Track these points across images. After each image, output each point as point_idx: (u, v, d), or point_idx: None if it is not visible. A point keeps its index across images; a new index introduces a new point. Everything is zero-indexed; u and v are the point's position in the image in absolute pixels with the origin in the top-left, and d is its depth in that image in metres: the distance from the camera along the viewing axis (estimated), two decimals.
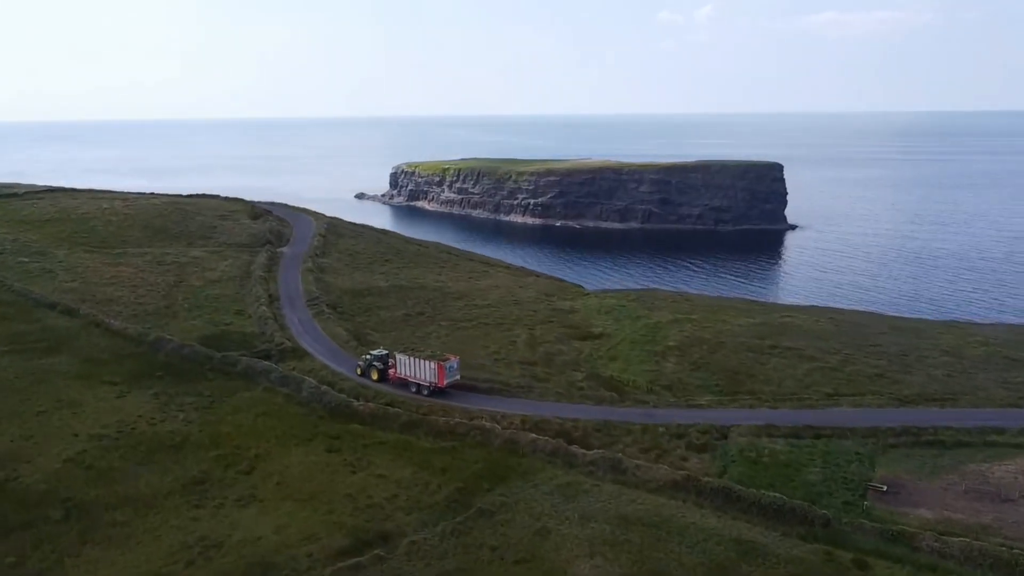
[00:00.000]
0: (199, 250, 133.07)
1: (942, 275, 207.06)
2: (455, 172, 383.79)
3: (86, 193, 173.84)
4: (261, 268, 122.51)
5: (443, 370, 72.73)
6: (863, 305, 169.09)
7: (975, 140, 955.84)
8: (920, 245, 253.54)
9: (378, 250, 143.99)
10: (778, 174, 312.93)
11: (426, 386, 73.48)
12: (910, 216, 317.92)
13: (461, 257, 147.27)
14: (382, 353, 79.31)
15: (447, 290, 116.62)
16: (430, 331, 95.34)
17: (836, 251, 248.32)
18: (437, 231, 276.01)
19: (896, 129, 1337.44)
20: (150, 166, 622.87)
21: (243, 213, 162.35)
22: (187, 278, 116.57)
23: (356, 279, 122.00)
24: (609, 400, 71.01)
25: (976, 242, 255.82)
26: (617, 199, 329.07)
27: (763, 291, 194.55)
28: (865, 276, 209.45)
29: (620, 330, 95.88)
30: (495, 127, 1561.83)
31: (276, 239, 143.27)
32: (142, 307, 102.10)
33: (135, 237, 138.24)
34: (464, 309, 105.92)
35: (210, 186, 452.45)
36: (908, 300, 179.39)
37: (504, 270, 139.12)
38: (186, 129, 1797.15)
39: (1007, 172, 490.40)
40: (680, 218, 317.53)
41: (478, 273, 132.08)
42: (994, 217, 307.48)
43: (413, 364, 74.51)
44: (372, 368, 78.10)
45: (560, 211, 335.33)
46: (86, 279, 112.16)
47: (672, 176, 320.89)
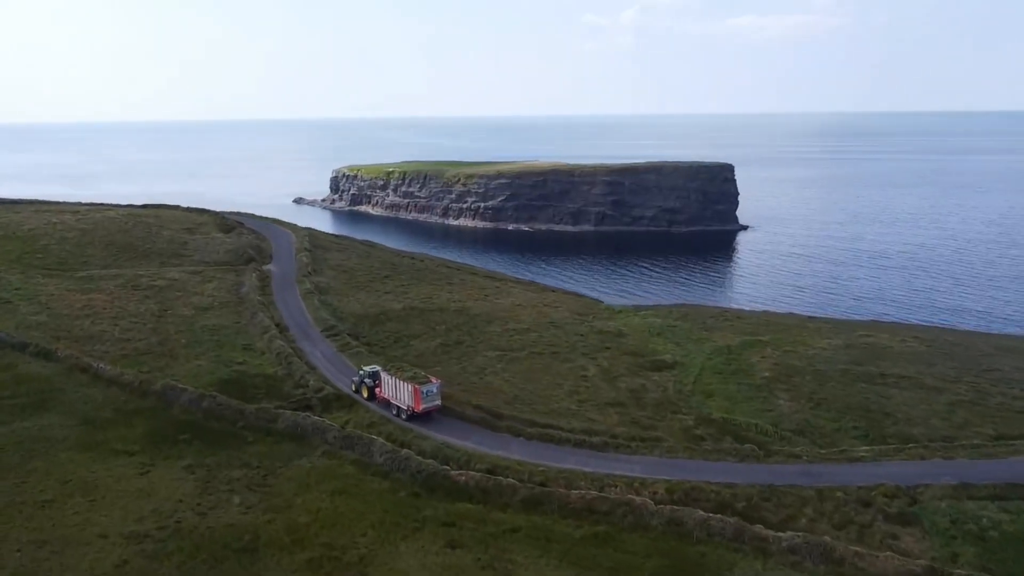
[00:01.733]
0: (175, 270, 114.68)
1: (899, 275, 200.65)
2: (400, 175, 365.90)
3: (27, 205, 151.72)
4: (254, 291, 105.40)
5: (418, 393, 65.10)
6: (851, 307, 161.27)
7: (893, 140, 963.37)
8: (870, 244, 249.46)
9: (371, 265, 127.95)
10: (729, 175, 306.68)
11: (404, 409, 66.35)
12: (853, 215, 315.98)
13: (462, 271, 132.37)
14: (374, 370, 71.48)
15: (471, 312, 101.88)
16: (483, 365, 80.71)
17: (792, 252, 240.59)
18: (387, 237, 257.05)
19: (814, 130, 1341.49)
20: (68, 172, 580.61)
21: (212, 225, 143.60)
22: (172, 305, 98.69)
23: (365, 301, 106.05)
24: (752, 454, 58.06)
25: (924, 240, 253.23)
26: (569, 201, 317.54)
27: (733, 295, 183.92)
28: (825, 278, 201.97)
29: (690, 357, 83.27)
30: (424, 129, 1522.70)
31: (258, 255, 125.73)
32: (131, 344, 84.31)
33: (98, 256, 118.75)
34: (504, 335, 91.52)
35: (136, 193, 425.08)
36: (872, 300, 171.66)
37: (515, 284, 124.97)
38: (97, 132, 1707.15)
39: (933, 171, 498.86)
40: (634, 220, 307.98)
41: (491, 289, 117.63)
42: (935, 216, 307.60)
43: (394, 385, 67.53)
44: (364, 385, 70.98)
45: (511, 214, 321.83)
46: (54, 310, 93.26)
47: (625, 178, 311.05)
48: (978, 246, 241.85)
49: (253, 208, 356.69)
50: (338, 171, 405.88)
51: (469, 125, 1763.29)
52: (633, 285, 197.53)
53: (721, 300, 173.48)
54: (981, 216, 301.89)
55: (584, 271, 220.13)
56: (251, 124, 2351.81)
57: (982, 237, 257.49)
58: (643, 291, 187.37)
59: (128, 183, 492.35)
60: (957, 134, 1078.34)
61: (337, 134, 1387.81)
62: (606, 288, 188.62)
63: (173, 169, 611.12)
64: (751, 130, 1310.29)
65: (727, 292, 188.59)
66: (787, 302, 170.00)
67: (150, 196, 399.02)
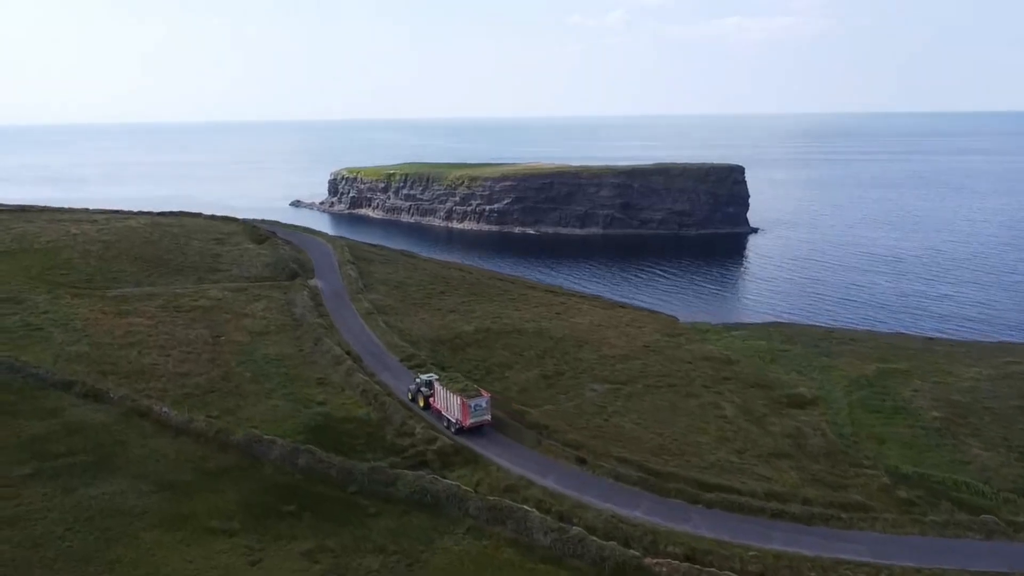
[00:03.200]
0: (215, 287, 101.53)
1: (920, 281, 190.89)
2: (401, 177, 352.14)
3: (41, 213, 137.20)
4: (309, 311, 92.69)
5: (466, 407, 61.11)
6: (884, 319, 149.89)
7: (880, 140, 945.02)
8: (885, 248, 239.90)
9: (421, 279, 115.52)
10: (739, 176, 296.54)
11: (453, 423, 62.53)
12: (860, 218, 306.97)
13: (518, 284, 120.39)
14: (429, 379, 67.57)
15: (551, 334, 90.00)
16: (598, 402, 68.91)
17: (808, 258, 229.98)
18: (392, 242, 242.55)
19: (800, 130, 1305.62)
20: (54, 174, 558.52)
21: (242, 235, 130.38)
22: (223, 329, 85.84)
23: (431, 322, 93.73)
24: (997, 529, 46.76)
25: (937, 244, 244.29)
26: (576, 204, 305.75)
27: (756, 303, 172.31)
28: (847, 284, 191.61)
29: (827, 390, 72.11)
30: (411, 130, 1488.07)
31: (300, 269, 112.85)
32: (190, 380, 71.49)
33: (128, 272, 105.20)
34: (603, 363, 79.80)
35: (127, 196, 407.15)
36: (903, 311, 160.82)
37: (580, 300, 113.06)
38: (81, 133, 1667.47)
39: (926, 172, 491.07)
40: (642, 223, 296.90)
41: (557, 305, 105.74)
42: (943, 218, 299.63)
43: (445, 396, 63.99)
44: (420, 394, 67.15)
45: (517, 217, 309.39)
46: (93, 338, 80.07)
47: (633, 180, 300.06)
48: (993, 249, 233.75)
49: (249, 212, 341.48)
50: (336, 173, 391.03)
51: (455, 126, 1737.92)
52: (650, 292, 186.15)
53: (745, 309, 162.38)
54: (989, 218, 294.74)
55: (598, 276, 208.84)
56: (236, 125, 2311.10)
57: (996, 240, 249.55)
58: (663, 298, 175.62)
59: (117, 185, 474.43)
60: (943, 135, 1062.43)
61: (324, 135, 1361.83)
62: (624, 294, 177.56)
63: (161, 171, 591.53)
64: (739, 131, 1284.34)
65: (749, 300, 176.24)
66: (812, 311, 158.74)
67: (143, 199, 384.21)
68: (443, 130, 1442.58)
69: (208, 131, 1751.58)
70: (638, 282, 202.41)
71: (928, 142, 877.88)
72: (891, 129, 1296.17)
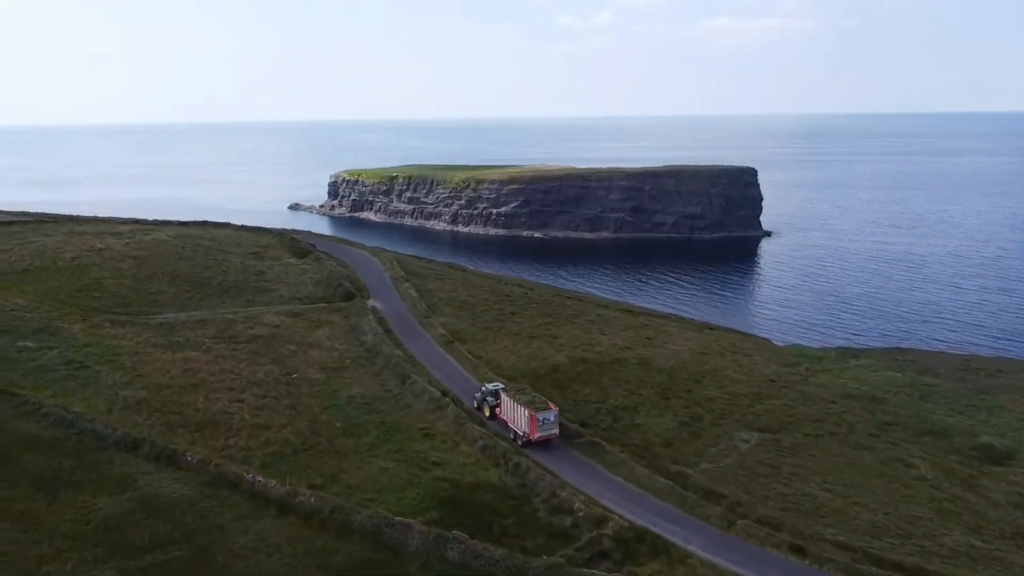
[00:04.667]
0: (268, 311, 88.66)
1: (949, 290, 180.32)
2: (404, 180, 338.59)
3: (57, 225, 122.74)
4: (382, 340, 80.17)
5: (534, 420, 57.83)
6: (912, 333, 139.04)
7: (874, 141, 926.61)
8: (902, 253, 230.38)
9: (484, 297, 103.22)
10: (751, 178, 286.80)
11: (520, 435, 59.50)
12: (870, 221, 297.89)
13: (586, 301, 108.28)
14: (496, 388, 64.75)
15: (657, 364, 78.23)
16: (765, 458, 57.26)
17: (826, 263, 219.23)
18: (400, 246, 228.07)
19: (792, 131, 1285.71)
20: (42, 177, 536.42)
21: (280, 248, 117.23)
22: (293, 365, 73.17)
23: (517, 351, 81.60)
24: None
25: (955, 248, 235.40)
26: (586, 207, 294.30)
27: (778, 314, 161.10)
28: (869, 288, 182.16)
29: (1011, 437, 60.95)
30: (403, 131, 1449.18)
31: (353, 287, 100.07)
32: (274, 434, 58.86)
33: (168, 294, 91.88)
34: (736, 403, 68.23)
35: (119, 198, 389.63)
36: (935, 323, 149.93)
37: (660, 320, 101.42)
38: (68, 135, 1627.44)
39: (926, 173, 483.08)
40: (654, 226, 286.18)
41: (641, 327, 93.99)
42: (955, 221, 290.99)
43: (512, 407, 60.75)
44: (486, 403, 64.16)
45: (525, 221, 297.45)
46: (148, 379, 67.05)
47: (645, 182, 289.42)
48: (1014, 252, 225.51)
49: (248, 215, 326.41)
50: (337, 176, 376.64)
51: (440, 127, 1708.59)
52: (671, 299, 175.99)
53: (770, 322, 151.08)
54: (1002, 221, 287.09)
55: (616, 283, 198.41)
56: (220, 127, 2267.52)
57: (1015, 243, 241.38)
58: (689, 306, 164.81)
59: (108, 188, 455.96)
60: (937, 136, 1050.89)
61: (312, 137, 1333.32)
62: (645, 300, 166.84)
63: (151, 173, 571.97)
64: (729, 132, 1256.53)
65: (770, 311, 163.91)
66: (840, 324, 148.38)
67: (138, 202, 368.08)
68: (427, 131, 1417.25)
69: (192, 132, 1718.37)
70: (656, 288, 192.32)
71: (922, 143, 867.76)
72: (883, 130, 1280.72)
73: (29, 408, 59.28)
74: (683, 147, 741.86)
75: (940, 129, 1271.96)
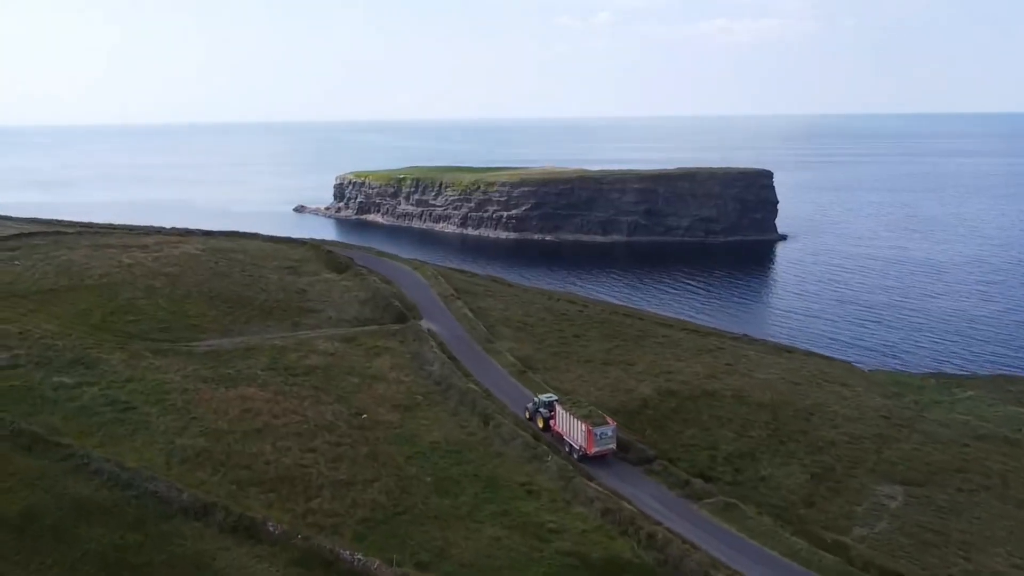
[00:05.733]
0: (320, 336, 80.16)
1: (978, 300, 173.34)
2: (412, 182, 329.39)
3: (79, 236, 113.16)
4: (449, 371, 71.90)
5: (591, 435, 56.56)
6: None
7: (874, 142, 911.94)
8: (923, 258, 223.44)
9: (542, 317, 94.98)
10: (767, 181, 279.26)
11: (576, 449, 57.97)
12: (884, 224, 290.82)
13: (645, 320, 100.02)
14: (550, 399, 62.85)
15: (753, 398, 70.26)
16: (926, 522, 49.42)
17: (846, 269, 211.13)
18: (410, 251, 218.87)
19: (792, 132, 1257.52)
20: (42, 178, 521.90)
21: (316, 262, 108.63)
22: (361, 402, 64.81)
23: (595, 380, 73.47)
24: None
25: (976, 252, 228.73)
26: (598, 210, 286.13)
27: (801, 324, 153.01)
28: (896, 298, 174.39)
29: None
30: (405, 132, 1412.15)
31: (404, 307, 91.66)
32: (360, 494, 50.43)
33: (208, 316, 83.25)
34: (859, 446, 60.44)
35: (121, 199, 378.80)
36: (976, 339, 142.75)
37: (732, 341, 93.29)
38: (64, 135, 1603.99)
39: (933, 175, 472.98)
40: (668, 230, 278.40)
41: (715, 350, 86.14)
42: (971, 224, 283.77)
43: (568, 421, 58.89)
44: (539, 415, 62.55)
45: (536, 224, 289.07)
46: (204, 423, 58.51)
47: (658, 185, 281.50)
48: None
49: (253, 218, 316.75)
50: (343, 177, 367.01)
51: (440, 128, 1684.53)
52: (690, 306, 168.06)
53: (796, 332, 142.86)
54: (1018, 223, 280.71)
55: (631, 288, 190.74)
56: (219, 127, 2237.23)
57: None
58: (706, 313, 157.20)
59: (110, 190, 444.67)
60: (940, 136, 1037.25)
61: (311, 137, 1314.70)
62: (666, 307, 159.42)
63: (152, 174, 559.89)
64: (729, 132, 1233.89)
65: (797, 321, 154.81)
66: (871, 337, 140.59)
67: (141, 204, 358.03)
68: (425, 132, 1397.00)
69: (189, 133, 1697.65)
70: (672, 295, 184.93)
71: (923, 144, 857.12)
72: (885, 130, 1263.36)
73: (77, 463, 50.78)
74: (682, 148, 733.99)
75: (941, 130, 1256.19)
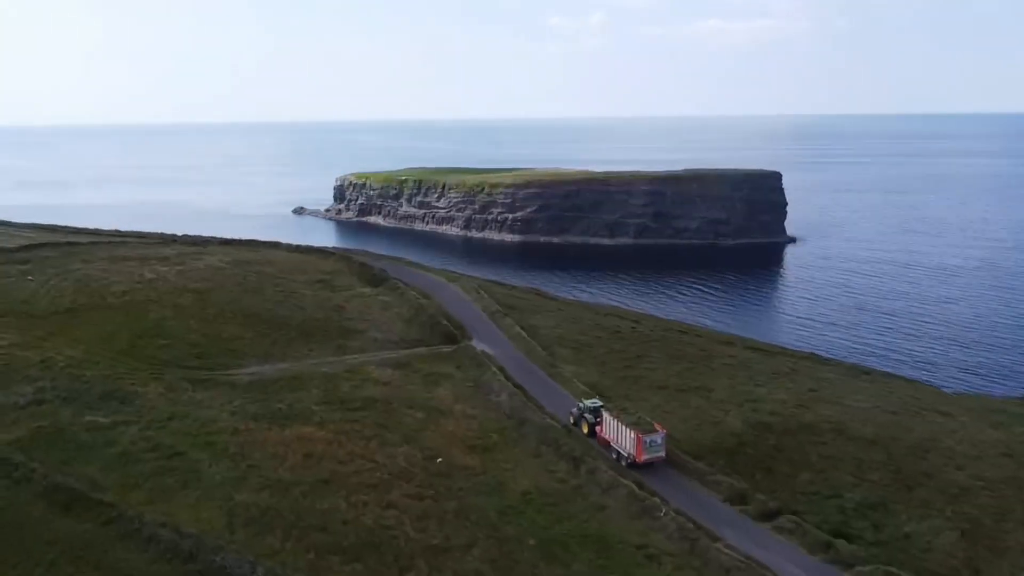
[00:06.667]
0: (368, 360, 72.27)
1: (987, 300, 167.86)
2: (414, 184, 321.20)
3: (94, 247, 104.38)
4: (518, 401, 64.31)
5: (641, 442, 54.00)
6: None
7: (870, 143, 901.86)
8: (937, 261, 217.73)
9: (594, 333, 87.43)
10: (776, 183, 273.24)
11: (624, 456, 55.31)
12: (893, 226, 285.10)
13: (704, 336, 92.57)
14: (596, 405, 60.42)
15: (854, 431, 62.95)
16: None
17: (859, 272, 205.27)
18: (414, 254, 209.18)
19: (786, 132, 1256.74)
20: (37, 179, 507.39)
21: (348, 274, 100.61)
22: (428, 441, 57.14)
23: (673, 410, 65.88)
24: None
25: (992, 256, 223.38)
26: (605, 212, 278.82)
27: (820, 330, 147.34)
28: (912, 304, 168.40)
29: None
30: (396, 132, 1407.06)
31: (453, 326, 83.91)
32: (461, 562, 42.89)
33: (244, 339, 75.09)
34: (995, 493, 53.37)
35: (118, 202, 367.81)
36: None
37: (804, 361, 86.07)
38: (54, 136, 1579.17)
39: (933, 176, 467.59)
40: (676, 232, 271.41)
41: (789, 372, 78.88)
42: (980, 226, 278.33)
43: (616, 428, 56.27)
44: (584, 420, 60.14)
45: (542, 226, 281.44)
46: (266, 472, 50.60)
47: (666, 187, 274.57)
48: None
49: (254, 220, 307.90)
50: (343, 179, 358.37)
51: (434, 128, 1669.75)
52: (705, 311, 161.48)
53: (819, 339, 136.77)
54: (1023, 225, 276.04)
55: (642, 294, 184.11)
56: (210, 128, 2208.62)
57: None
58: (724, 322, 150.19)
59: (106, 191, 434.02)
60: (936, 137, 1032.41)
61: (305, 137, 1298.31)
62: (679, 312, 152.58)
63: (148, 175, 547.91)
64: (723, 132, 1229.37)
65: (815, 329, 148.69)
66: (898, 347, 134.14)
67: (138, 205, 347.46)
68: (420, 132, 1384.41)
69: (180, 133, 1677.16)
70: (686, 300, 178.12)
71: (924, 144, 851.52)
72: (882, 131, 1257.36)
73: (127, 527, 42.92)
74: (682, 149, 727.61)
75: (939, 130, 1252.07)
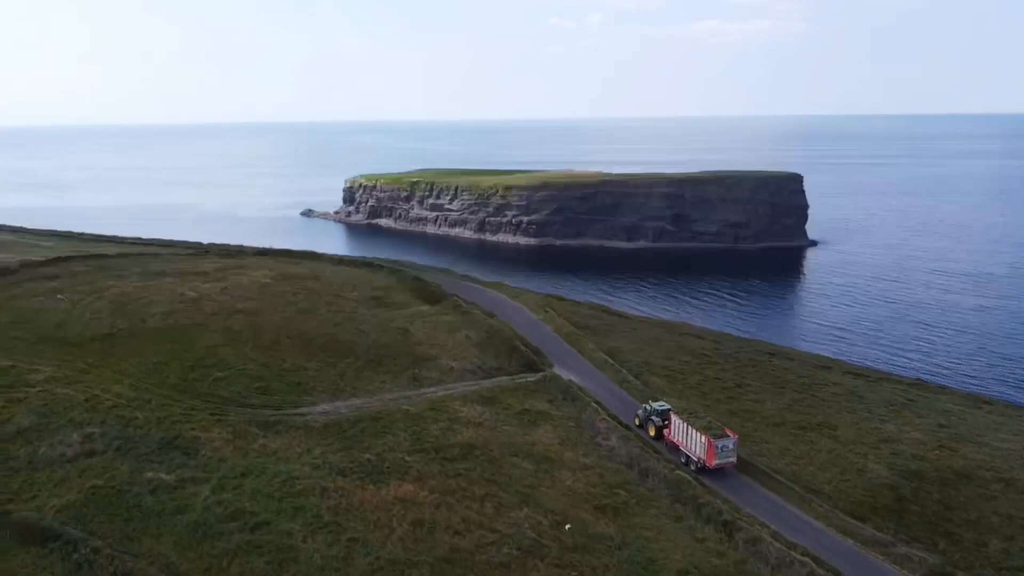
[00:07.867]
0: (447, 393, 63.18)
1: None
2: (427, 186, 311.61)
3: (123, 260, 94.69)
4: (632, 447, 55.40)
5: (712, 447, 51.65)
6: None
7: (875, 144, 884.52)
8: (963, 267, 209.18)
9: (678, 357, 78.66)
10: (797, 185, 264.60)
11: (695, 461, 53.16)
12: (913, 229, 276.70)
13: (796, 359, 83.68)
14: (664, 408, 57.87)
15: (1019, 482, 54.41)
16: None
17: (881, 276, 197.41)
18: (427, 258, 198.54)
19: (788, 133, 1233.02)
20: (37, 181, 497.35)
21: (402, 290, 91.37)
22: (543, 497, 48.19)
23: (803, 454, 57.21)
24: None
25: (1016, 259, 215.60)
26: (622, 215, 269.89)
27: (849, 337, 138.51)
28: (953, 311, 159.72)
29: None
30: (398, 133, 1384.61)
31: (531, 351, 74.82)
32: None
33: (308, 371, 65.76)
34: None
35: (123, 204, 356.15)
36: None
37: (919, 391, 77.53)
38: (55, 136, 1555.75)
39: (954, 176, 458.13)
40: (695, 235, 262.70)
41: (907, 403, 70.35)
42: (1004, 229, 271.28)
43: (685, 431, 54.32)
44: (651, 422, 57.81)
45: (558, 229, 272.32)
46: (374, 549, 41.34)
47: (685, 189, 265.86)
48: None
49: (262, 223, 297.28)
50: (353, 181, 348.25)
51: (435, 129, 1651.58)
52: (733, 320, 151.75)
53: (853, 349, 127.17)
54: None
55: (662, 300, 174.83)
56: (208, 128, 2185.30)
57: None
58: (752, 331, 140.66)
59: (110, 193, 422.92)
60: (941, 138, 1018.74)
61: (306, 138, 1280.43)
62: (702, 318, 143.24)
63: (149, 176, 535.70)
64: (724, 134, 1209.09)
65: (847, 340, 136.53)
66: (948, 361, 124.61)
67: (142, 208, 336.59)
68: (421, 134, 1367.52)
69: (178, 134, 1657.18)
70: (712, 306, 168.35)
71: (929, 145, 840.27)
72: (886, 132, 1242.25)
73: None
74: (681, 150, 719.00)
75: (942, 131, 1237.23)
